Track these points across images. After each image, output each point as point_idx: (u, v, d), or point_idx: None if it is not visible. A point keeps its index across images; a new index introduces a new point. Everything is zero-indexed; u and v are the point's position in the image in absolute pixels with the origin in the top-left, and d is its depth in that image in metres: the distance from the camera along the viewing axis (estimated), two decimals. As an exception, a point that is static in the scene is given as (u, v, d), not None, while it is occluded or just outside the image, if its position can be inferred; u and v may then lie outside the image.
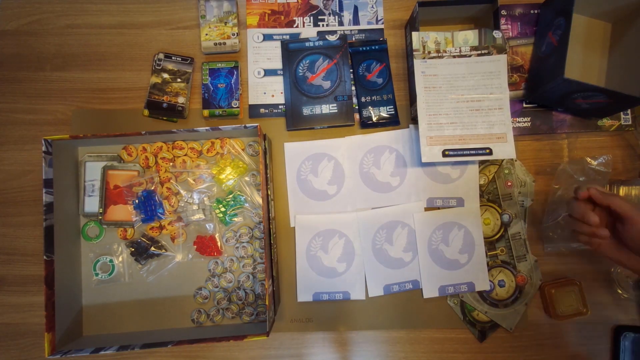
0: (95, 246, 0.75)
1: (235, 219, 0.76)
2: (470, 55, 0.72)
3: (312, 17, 0.82)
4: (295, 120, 0.77)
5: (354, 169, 0.78)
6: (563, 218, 0.75)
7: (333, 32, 0.81)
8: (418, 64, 0.72)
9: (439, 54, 0.72)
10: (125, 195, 0.74)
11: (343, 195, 0.77)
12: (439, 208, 0.78)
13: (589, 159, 0.76)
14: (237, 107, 0.77)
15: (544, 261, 0.78)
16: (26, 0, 0.81)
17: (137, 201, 0.74)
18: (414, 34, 0.72)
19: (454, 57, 0.72)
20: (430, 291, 0.75)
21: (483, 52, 0.72)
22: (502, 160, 0.78)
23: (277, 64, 0.81)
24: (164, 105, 0.77)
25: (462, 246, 0.76)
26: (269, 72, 0.80)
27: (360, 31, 0.82)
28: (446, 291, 0.75)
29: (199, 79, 0.80)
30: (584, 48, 0.78)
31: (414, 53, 0.72)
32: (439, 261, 0.76)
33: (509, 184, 0.77)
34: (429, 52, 0.73)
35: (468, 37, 0.72)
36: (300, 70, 0.78)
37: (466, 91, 0.72)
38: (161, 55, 0.78)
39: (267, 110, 0.79)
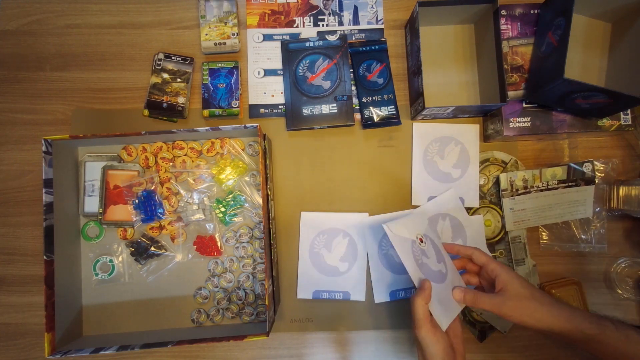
0: (95, 246, 0.75)
1: (235, 219, 0.76)
2: (557, 188, 0.75)
3: (312, 17, 0.82)
4: (295, 120, 0.77)
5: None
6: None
7: (333, 32, 0.81)
8: (507, 202, 0.76)
9: (527, 190, 0.75)
10: (125, 195, 0.74)
11: None
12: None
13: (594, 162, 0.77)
14: (237, 107, 0.77)
15: (543, 261, 0.78)
16: (26, 0, 0.81)
17: (137, 201, 0.74)
18: (502, 176, 0.75)
19: (541, 190, 0.76)
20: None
21: (571, 184, 0.75)
22: (507, 163, 0.78)
23: (277, 64, 0.81)
24: (164, 105, 0.77)
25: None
26: (269, 72, 0.80)
27: (360, 31, 0.82)
28: None
29: (199, 79, 0.80)
30: (584, 48, 0.77)
31: (502, 192, 0.76)
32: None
33: None
34: (517, 190, 0.76)
35: (556, 172, 0.75)
36: (300, 70, 0.78)
37: (553, 219, 0.77)
38: (161, 55, 0.78)
39: (267, 110, 0.79)
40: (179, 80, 0.78)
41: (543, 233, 0.78)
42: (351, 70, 0.80)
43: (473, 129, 0.79)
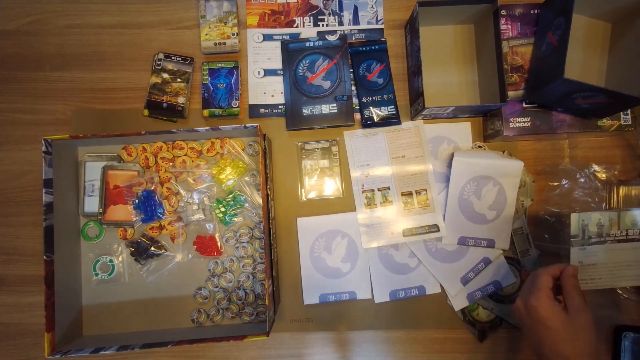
0: (95, 246, 0.76)
1: (235, 219, 0.76)
2: (639, 240, 0.63)
3: (312, 17, 0.82)
4: (295, 120, 0.77)
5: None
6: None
7: (333, 32, 0.81)
8: (575, 252, 0.63)
9: (601, 239, 0.63)
10: (125, 195, 0.74)
11: None
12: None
13: (594, 166, 0.77)
14: (237, 107, 0.77)
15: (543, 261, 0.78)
16: (26, 0, 0.81)
17: (137, 201, 0.74)
18: (573, 216, 0.62)
19: (619, 241, 0.63)
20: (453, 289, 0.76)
21: None
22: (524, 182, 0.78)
23: (277, 64, 0.81)
24: (164, 105, 0.77)
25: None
26: (269, 72, 0.80)
27: (360, 31, 0.82)
28: (468, 279, 0.75)
29: (198, 79, 0.80)
30: (584, 48, 0.77)
31: (571, 240, 0.63)
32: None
33: None
34: (590, 237, 0.63)
35: (638, 218, 0.63)
36: (300, 70, 0.78)
37: (632, 281, 0.64)
38: (161, 55, 0.78)
39: (267, 110, 0.79)
40: (179, 80, 0.78)
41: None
42: (351, 70, 0.80)
43: (464, 127, 0.79)
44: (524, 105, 0.75)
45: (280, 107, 0.80)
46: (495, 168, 0.75)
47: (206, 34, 0.79)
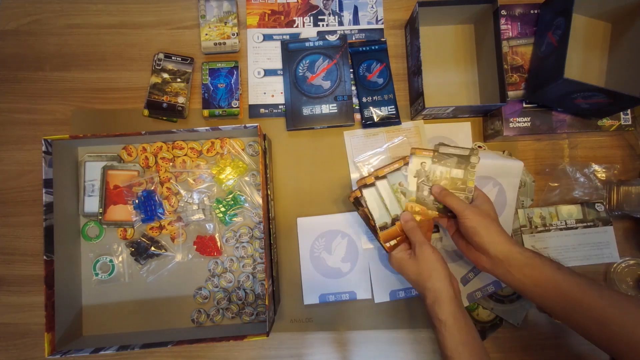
0: (95, 246, 0.75)
1: (235, 219, 0.76)
2: (577, 227, 0.76)
3: (312, 17, 0.82)
4: (295, 120, 0.77)
5: None
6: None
7: (333, 32, 0.81)
8: (527, 239, 0.76)
9: (546, 228, 0.76)
10: (125, 195, 0.74)
11: None
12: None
13: (594, 165, 0.77)
14: (237, 107, 0.77)
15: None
16: (26, 0, 0.81)
17: (137, 201, 0.74)
18: (520, 211, 0.76)
19: (561, 229, 0.76)
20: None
21: (589, 224, 0.77)
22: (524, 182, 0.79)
23: (277, 64, 0.81)
24: (164, 105, 0.77)
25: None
26: (269, 72, 0.80)
27: (360, 31, 0.82)
28: (468, 279, 0.75)
29: (199, 79, 0.80)
30: (584, 48, 0.78)
31: (521, 229, 0.76)
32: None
33: None
34: (536, 227, 0.76)
35: (572, 211, 0.77)
36: (300, 70, 0.78)
37: (579, 261, 0.76)
38: (161, 55, 0.78)
39: (267, 110, 0.80)
40: (179, 80, 0.78)
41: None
42: (351, 70, 0.80)
43: (464, 127, 0.79)
44: (524, 105, 0.75)
45: (280, 107, 0.80)
46: (495, 168, 0.75)
47: (206, 34, 0.79)
